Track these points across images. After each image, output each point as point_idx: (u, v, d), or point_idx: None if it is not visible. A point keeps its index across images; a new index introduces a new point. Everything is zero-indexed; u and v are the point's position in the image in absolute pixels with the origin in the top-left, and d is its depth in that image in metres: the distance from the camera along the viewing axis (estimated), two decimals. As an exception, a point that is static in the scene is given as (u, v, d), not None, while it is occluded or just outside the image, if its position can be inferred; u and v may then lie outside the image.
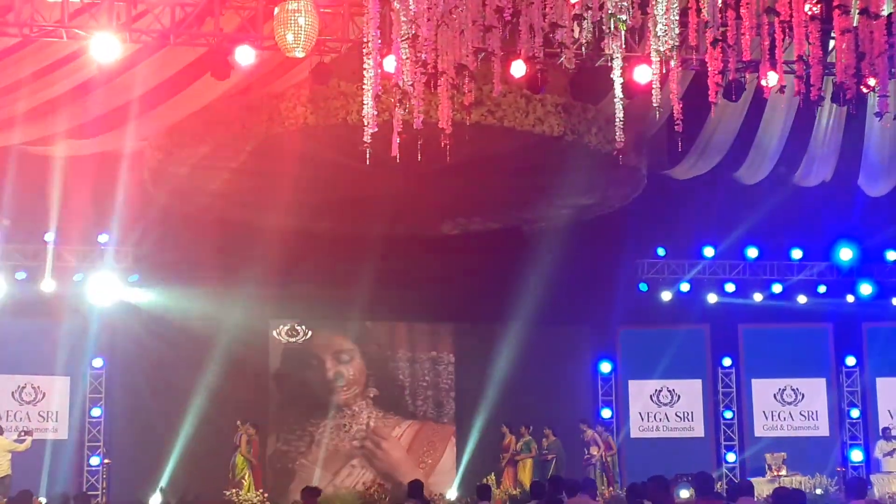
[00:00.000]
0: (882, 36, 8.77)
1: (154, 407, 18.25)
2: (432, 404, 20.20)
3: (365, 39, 9.53)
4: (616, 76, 9.71)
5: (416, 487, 11.40)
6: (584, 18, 8.05)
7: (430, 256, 18.34)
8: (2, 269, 18.00)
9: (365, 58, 9.40)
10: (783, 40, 8.74)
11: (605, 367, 20.40)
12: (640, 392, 20.25)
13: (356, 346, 20.16)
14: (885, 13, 8.71)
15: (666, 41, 8.77)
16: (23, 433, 16.74)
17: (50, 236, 18.02)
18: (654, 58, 9.11)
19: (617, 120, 10.23)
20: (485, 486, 12.31)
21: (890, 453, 18.35)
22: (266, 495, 17.79)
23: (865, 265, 20.16)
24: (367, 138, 9.62)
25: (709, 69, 8.99)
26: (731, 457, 20.00)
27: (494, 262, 18.48)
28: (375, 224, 18.29)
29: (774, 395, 20.22)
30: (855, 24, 8.74)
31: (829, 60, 9.42)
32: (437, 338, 20.50)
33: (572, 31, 8.12)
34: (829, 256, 20.11)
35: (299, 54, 11.28)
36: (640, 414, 20.01)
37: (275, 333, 19.91)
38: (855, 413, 20.13)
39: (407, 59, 9.03)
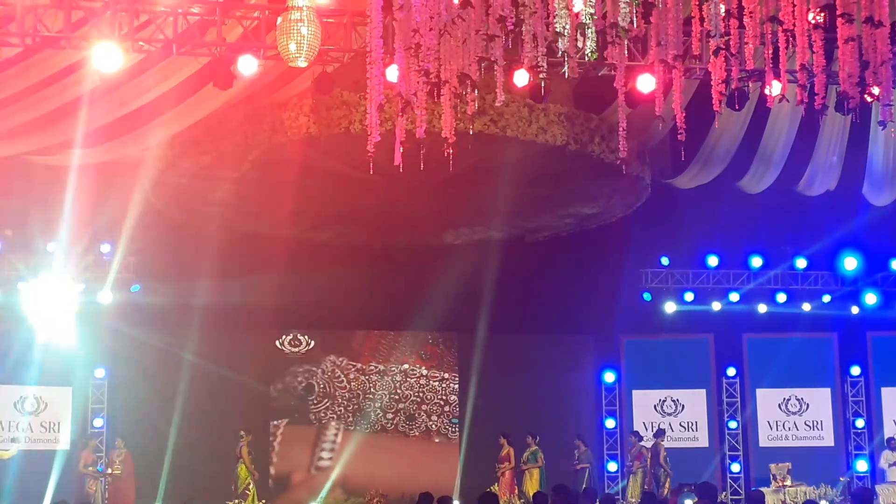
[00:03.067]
0: (886, 45, 8.74)
1: (155, 417, 18.22)
2: (435, 415, 20.13)
3: (367, 49, 9.51)
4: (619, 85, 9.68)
5: (426, 500, 11.27)
6: (588, 27, 8.00)
7: (432, 266, 18.31)
8: (2, 280, 17.97)
9: (367, 67, 9.38)
10: (786, 49, 8.71)
11: (609, 376, 20.31)
12: (645, 402, 20.16)
13: (357, 356, 20.11)
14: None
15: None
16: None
17: (52, 246, 18.01)
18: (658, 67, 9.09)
19: (620, 129, 10.19)
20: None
21: (895, 463, 18.27)
22: (269, 507, 17.79)
23: (870, 274, 20.11)
24: (369, 148, 9.59)
25: (712, 78, 8.96)
26: (735, 467, 19.93)
27: (497, 271, 18.43)
28: (378, 234, 18.29)
29: (779, 405, 20.16)
30: (859, 33, 8.70)
31: (832, 69, 9.38)
32: (439, 348, 20.45)
33: (575, 40, 8.07)
34: (834, 266, 20.06)
35: (302, 64, 11.26)
36: (644, 424, 19.90)
37: (277, 343, 19.88)
38: (860, 423, 20.03)
39: (410, 68, 9.00)
